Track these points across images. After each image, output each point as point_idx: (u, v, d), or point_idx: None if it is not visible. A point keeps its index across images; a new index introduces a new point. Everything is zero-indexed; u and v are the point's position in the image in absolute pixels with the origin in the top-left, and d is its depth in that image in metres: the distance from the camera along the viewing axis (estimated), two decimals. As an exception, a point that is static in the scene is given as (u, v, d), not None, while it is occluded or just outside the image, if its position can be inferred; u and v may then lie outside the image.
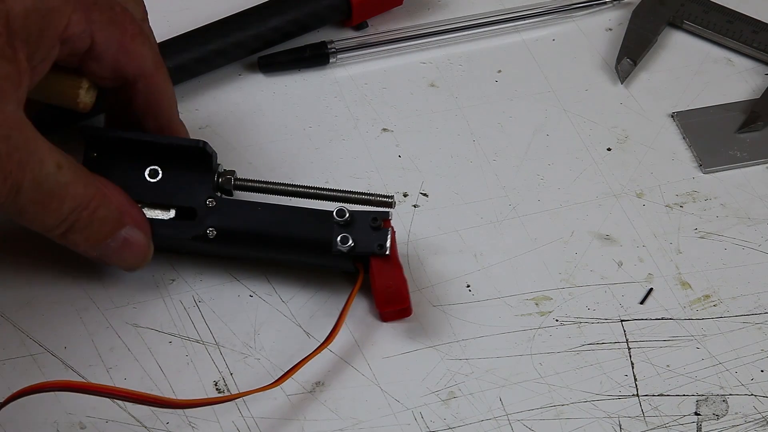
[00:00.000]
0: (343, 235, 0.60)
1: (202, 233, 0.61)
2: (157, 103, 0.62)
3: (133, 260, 0.61)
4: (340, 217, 0.60)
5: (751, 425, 0.61)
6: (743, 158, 0.72)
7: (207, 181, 0.62)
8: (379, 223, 0.61)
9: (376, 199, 0.62)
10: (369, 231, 0.61)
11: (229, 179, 0.62)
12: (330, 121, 0.72)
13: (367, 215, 0.61)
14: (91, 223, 0.58)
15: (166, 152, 0.62)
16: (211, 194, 0.62)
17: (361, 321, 0.63)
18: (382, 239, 0.61)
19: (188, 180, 0.62)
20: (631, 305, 0.65)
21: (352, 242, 0.60)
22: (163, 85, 0.62)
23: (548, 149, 0.72)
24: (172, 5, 0.76)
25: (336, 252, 0.61)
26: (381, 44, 0.75)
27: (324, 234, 0.61)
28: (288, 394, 0.60)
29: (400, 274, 0.61)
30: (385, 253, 0.61)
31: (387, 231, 0.61)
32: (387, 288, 0.61)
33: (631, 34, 0.76)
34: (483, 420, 0.60)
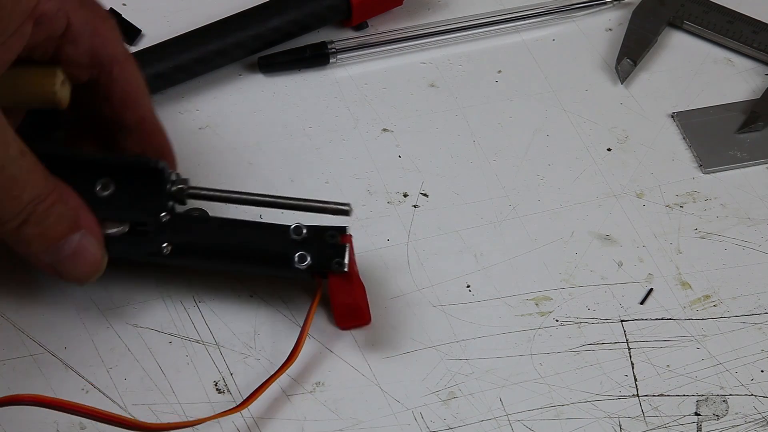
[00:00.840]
0: (300, 254, 0.60)
1: (157, 249, 0.60)
2: (134, 92, 0.60)
3: (86, 270, 0.59)
4: (296, 234, 0.60)
5: (752, 425, 0.61)
6: (743, 158, 0.72)
7: (161, 194, 0.60)
8: (336, 239, 0.60)
9: (332, 207, 0.60)
10: (326, 247, 0.60)
11: (182, 189, 0.60)
12: (330, 121, 0.72)
13: (325, 231, 0.60)
14: (47, 217, 0.56)
15: (117, 168, 0.60)
16: (165, 208, 0.60)
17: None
18: (340, 255, 0.60)
19: (141, 194, 0.60)
20: (631, 305, 0.65)
21: (309, 260, 0.60)
22: (137, 74, 0.61)
23: (548, 149, 0.72)
24: (172, 5, 0.76)
25: (293, 270, 0.60)
26: (381, 44, 0.75)
27: (281, 249, 0.60)
28: (288, 394, 0.60)
29: (359, 289, 0.61)
30: (343, 270, 0.60)
31: (345, 247, 0.60)
32: (346, 305, 0.61)
33: (631, 34, 0.76)
34: (483, 420, 0.60)
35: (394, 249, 0.66)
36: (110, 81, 0.60)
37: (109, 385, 0.60)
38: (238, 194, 0.61)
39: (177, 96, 0.72)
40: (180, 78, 0.71)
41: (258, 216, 0.64)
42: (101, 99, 0.61)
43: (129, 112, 0.61)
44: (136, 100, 0.61)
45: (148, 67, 0.70)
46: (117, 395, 0.60)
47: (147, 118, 0.62)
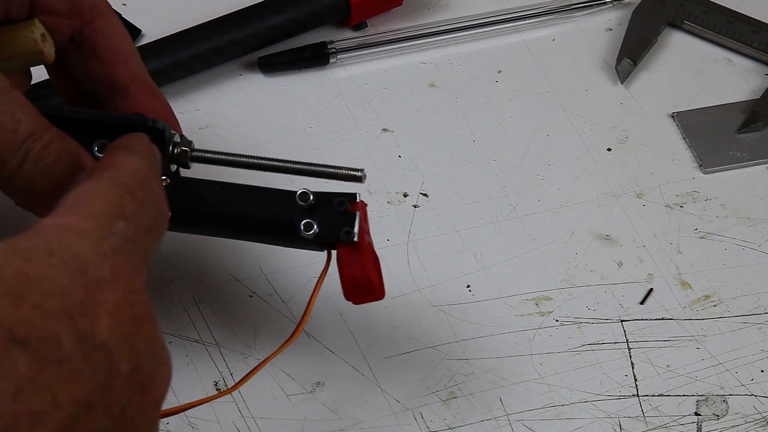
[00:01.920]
0: (306, 221, 0.55)
1: None
2: (120, 46, 0.58)
3: None
4: (302, 201, 0.55)
5: (751, 425, 0.61)
6: (743, 158, 0.72)
7: (163, 155, 0.55)
8: (345, 206, 0.55)
9: (343, 172, 0.55)
10: (335, 215, 0.55)
11: (186, 152, 0.55)
12: (330, 121, 0.72)
13: (333, 197, 0.55)
14: (47, 155, 0.52)
15: (114, 129, 0.55)
16: (166, 172, 0.55)
17: (362, 321, 0.63)
18: (350, 224, 0.55)
19: None
20: (631, 305, 0.65)
21: (316, 228, 0.55)
22: (122, 29, 0.58)
23: (548, 149, 0.72)
24: (171, 5, 0.76)
25: (299, 238, 0.56)
26: (381, 44, 0.75)
27: (287, 217, 0.56)
28: (288, 394, 0.60)
29: (370, 261, 0.56)
30: (353, 240, 0.55)
31: (354, 215, 0.55)
32: (354, 278, 0.55)
33: (631, 34, 0.76)
34: (483, 420, 0.60)
35: (394, 249, 0.66)
36: (93, 33, 0.57)
37: (109, 385, 0.60)
38: (245, 158, 0.57)
39: (177, 96, 0.72)
40: (178, 75, 0.71)
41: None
42: (88, 56, 0.58)
43: (118, 68, 0.58)
44: (124, 56, 0.58)
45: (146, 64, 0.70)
46: (117, 395, 0.60)
47: (139, 76, 0.59)
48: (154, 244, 0.46)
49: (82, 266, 0.40)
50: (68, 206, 0.44)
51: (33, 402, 0.36)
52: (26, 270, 0.39)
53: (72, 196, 0.44)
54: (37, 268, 0.39)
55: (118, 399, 0.39)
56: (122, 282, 0.41)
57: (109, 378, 0.39)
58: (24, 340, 0.37)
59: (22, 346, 0.37)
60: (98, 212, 0.43)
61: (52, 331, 0.38)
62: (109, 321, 0.40)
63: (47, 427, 0.36)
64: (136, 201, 0.45)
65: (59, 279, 0.39)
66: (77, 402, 0.38)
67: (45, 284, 0.39)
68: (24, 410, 0.36)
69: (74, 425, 0.37)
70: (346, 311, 0.63)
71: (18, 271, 0.39)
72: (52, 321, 0.38)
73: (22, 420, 0.36)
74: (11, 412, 0.36)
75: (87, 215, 0.43)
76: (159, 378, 0.42)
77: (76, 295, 0.39)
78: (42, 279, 0.39)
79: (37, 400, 0.36)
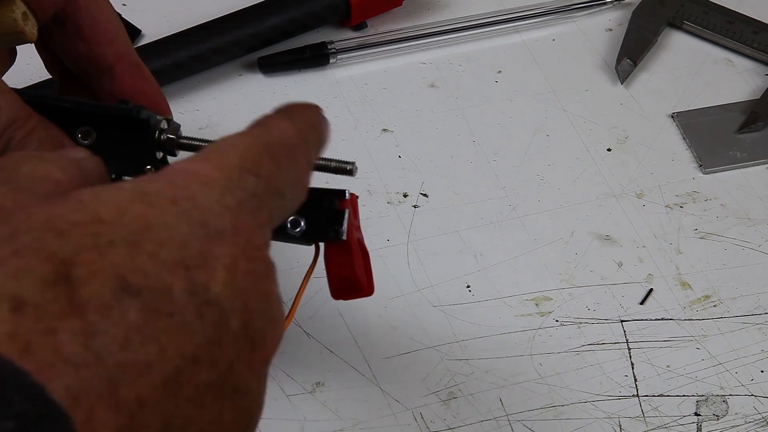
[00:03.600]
0: (293, 218, 0.53)
1: None
2: (106, 24, 0.56)
3: None
4: None
5: (751, 425, 0.61)
6: (743, 158, 0.72)
7: (146, 144, 0.53)
8: (334, 204, 0.54)
9: (334, 165, 0.53)
10: (324, 212, 0.54)
11: (172, 139, 0.54)
12: (330, 121, 0.72)
13: (323, 195, 0.54)
14: (30, 143, 0.52)
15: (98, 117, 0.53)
16: (151, 160, 0.53)
17: (362, 321, 0.63)
18: (338, 223, 0.53)
19: (125, 144, 0.53)
20: (631, 305, 0.65)
21: (303, 225, 0.54)
22: (108, 7, 0.57)
23: (548, 149, 0.72)
24: (171, 5, 0.76)
25: (286, 235, 0.54)
26: (381, 45, 0.75)
27: None
28: (288, 394, 0.60)
29: (358, 259, 0.54)
30: (340, 238, 0.53)
31: (343, 213, 0.54)
32: (341, 277, 0.54)
33: (631, 34, 0.77)
34: (483, 420, 0.60)
35: (394, 249, 0.66)
36: (77, 11, 0.56)
37: (109, 385, 0.60)
38: None
39: (177, 96, 0.72)
40: (178, 75, 0.72)
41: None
42: (73, 35, 0.57)
43: (104, 47, 0.57)
44: (110, 34, 0.57)
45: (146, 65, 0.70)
46: (117, 395, 0.60)
47: (126, 55, 0.57)
48: (284, 212, 0.44)
49: (204, 217, 0.39)
50: (205, 153, 0.42)
51: (140, 352, 0.36)
52: (147, 216, 0.38)
53: (212, 144, 0.43)
54: (158, 215, 0.38)
55: (226, 354, 0.38)
56: (242, 237, 0.40)
57: (218, 333, 0.38)
58: (137, 290, 0.36)
59: (134, 295, 0.36)
60: (231, 164, 0.42)
61: (165, 282, 0.37)
62: (224, 275, 0.39)
63: (152, 378, 0.36)
64: (275, 163, 0.44)
65: (179, 228, 0.38)
66: (184, 355, 0.37)
67: (164, 233, 0.38)
68: (130, 360, 0.35)
69: (180, 377, 0.37)
70: (346, 311, 0.63)
71: (139, 216, 0.38)
72: (167, 272, 0.37)
73: (127, 369, 0.35)
74: (117, 360, 0.35)
75: (219, 166, 0.42)
76: (270, 336, 0.41)
77: (194, 246, 0.38)
78: (162, 227, 0.38)
79: (144, 351, 0.36)
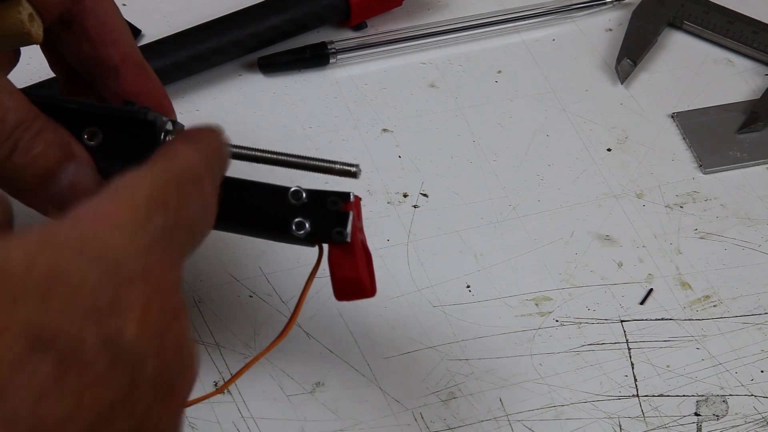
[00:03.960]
0: (298, 220, 0.54)
1: None
2: (111, 25, 0.57)
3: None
4: (295, 199, 0.55)
5: (751, 425, 0.61)
6: (743, 158, 0.72)
7: (152, 146, 0.53)
8: (338, 206, 0.54)
9: (338, 167, 0.54)
10: (328, 214, 0.54)
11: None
12: (330, 121, 0.72)
13: (327, 196, 0.55)
14: (37, 144, 0.51)
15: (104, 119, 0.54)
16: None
17: (362, 321, 0.63)
18: (342, 224, 0.54)
19: (131, 145, 0.54)
20: (631, 305, 0.65)
21: (308, 227, 0.54)
22: (113, 7, 0.57)
23: (548, 149, 0.72)
24: (172, 5, 0.76)
25: (291, 236, 0.55)
26: (381, 45, 0.75)
27: (279, 214, 0.55)
28: (288, 394, 0.60)
29: (362, 261, 0.55)
30: (345, 240, 0.54)
31: (347, 215, 0.54)
32: (345, 278, 0.55)
33: (631, 34, 0.77)
34: (483, 420, 0.60)
35: (394, 249, 0.66)
36: (83, 12, 0.56)
37: (109, 385, 0.60)
38: (236, 148, 0.56)
39: (177, 96, 0.72)
40: (178, 75, 0.71)
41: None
42: (79, 36, 0.57)
43: (110, 48, 0.57)
44: (115, 35, 0.57)
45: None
46: (117, 395, 0.60)
47: (131, 56, 0.57)
48: (194, 243, 0.45)
49: (115, 261, 0.39)
50: (110, 193, 0.42)
51: (55, 408, 0.35)
52: (57, 264, 0.37)
53: (117, 181, 0.42)
54: (67, 263, 0.37)
55: (142, 401, 0.38)
56: (154, 278, 0.40)
57: (134, 381, 0.38)
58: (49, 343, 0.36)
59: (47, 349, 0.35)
60: (139, 202, 0.41)
61: (78, 333, 0.36)
62: (137, 321, 0.38)
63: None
64: (183, 195, 0.43)
65: (89, 275, 0.38)
66: (101, 406, 0.37)
67: (74, 281, 0.37)
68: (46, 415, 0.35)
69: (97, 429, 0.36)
70: (346, 311, 0.63)
71: (48, 265, 0.37)
72: (79, 322, 0.37)
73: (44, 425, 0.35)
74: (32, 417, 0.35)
75: (127, 204, 0.41)
76: (184, 380, 0.41)
77: (106, 293, 0.38)
78: (72, 275, 0.37)
79: (59, 406, 0.35)
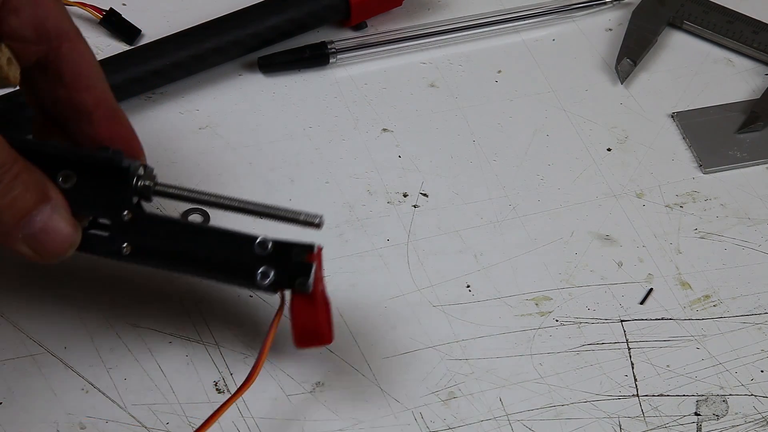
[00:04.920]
0: (263, 270, 0.56)
1: (116, 249, 0.57)
2: (87, 72, 0.58)
3: (60, 244, 0.55)
4: (261, 249, 0.56)
5: (751, 425, 0.61)
6: (743, 158, 0.72)
7: (124, 191, 0.57)
8: (302, 256, 0.56)
9: (302, 218, 0.56)
10: (292, 264, 0.56)
11: (148, 187, 0.57)
12: (330, 121, 0.72)
13: (291, 247, 0.57)
14: (15, 187, 0.53)
15: (79, 163, 0.56)
16: (128, 206, 0.57)
17: (362, 321, 0.63)
18: (305, 275, 0.56)
19: (103, 189, 0.56)
20: (631, 305, 0.65)
21: (272, 277, 0.57)
22: (90, 54, 0.58)
23: (548, 149, 0.72)
24: (171, 5, 0.76)
25: (256, 285, 0.57)
26: (381, 44, 0.75)
27: (245, 263, 0.57)
28: (288, 394, 0.60)
29: (322, 311, 0.57)
30: (307, 291, 0.56)
31: (310, 266, 0.56)
32: (305, 327, 0.57)
33: (631, 34, 0.77)
34: (483, 420, 0.60)
35: (394, 249, 0.66)
36: (59, 59, 0.58)
37: (109, 385, 0.60)
38: (206, 195, 0.57)
39: (177, 96, 0.72)
40: (177, 75, 0.72)
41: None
42: (54, 81, 0.58)
43: (84, 94, 0.58)
44: (90, 81, 0.59)
45: (145, 64, 0.71)
46: (117, 395, 0.60)
47: (104, 101, 0.59)
48: None
49: None
50: None
51: None
52: None
53: None
54: None
55: None
56: None
57: None
58: None
59: None
60: None
61: None
62: None
63: None
64: None
65: None
66: None
67: None
68: None
69: None
70: (346, 311, 0.63)
71: None
72: None
73: None
74: None
75: None
76: None
77: None
78: None
79: None
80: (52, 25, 0.57)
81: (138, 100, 0.72)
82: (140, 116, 0.71)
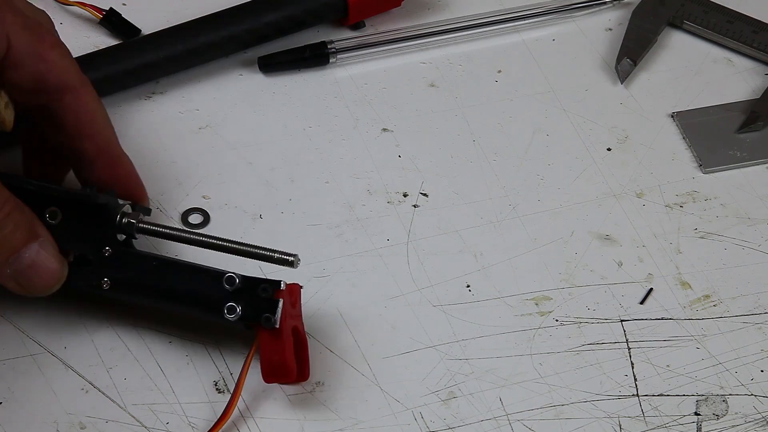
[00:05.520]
0: (230, 305, 0.58)
1: (97, 283, 0.59)
2: (90, 122, 0.59)
3: (46, 280, 0.58)
4: (229, 284, 0.58)
5: (751, 425, 0.61)
6: (743, 158, 0.72)
7: (107, 228, 0.59)
8: (269, 293, 0.58)
9: (277, 256, 0.58)
10: (259, 300, 0.58)
11: (132, 223, 0.60)
12: (330, 121, 0.72)
13: (259, 284, 0.58)
14: (6, 226, 0.55)
15: (64, 201, 0.59)
16: (110, 242, 0.59)
17: (362, 321, 0.63)
18: (271, 311, 0.57)
19: (87, 226, 0.59)
20: (631, 305, 0.65)
21: (239, 311, 0.58)
22: (94, 103, 0.60)
23: (548, 149, 0.72)
24: (171, 5, 0.76)
25: (224, 319, 0.58)
26: (381, 44, 0.75)
27: (214, 297, 0.58)
28: (288, 394, 0.60)
29: (289, 347, 0.58)
30: (273, 326, 0.57)
31: (277, 302, 0.57)
32: (271, 362, 0.58)
33: (631, 34, 0.76)
34: (483, 420, 0.60)
35: (394, 249, 0.66)
36: (62, 109, 0.59)
37: (109, 385, 0.60)
38: (186, 233, 0.60)
39: (177, 95, 0.72)
40: (172, 69, 0.72)
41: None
42: (54, 127, 0.60)
43: (86, 143, 0.60)
44: (92, 130, 0.60)
45: (140, 57, 0.70)
46: (117, 395, 0.60)
47: (107, 149, 0.61)
48: None
49: None
50: None
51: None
52: None
53: None
54: None
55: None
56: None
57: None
58: None
59: None
60: None
61: None
62: None
63: None
64: None
65: None
66: None
67: None
68: None
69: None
70: (346, 311, 0.63)
71: None
72: None
73: None
74: None
75: None
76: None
77: None
78: None
79: None
80: (55, 78, 0.58)
81: (138, 100, 0.72)
82: (140, 116, 0.71)
